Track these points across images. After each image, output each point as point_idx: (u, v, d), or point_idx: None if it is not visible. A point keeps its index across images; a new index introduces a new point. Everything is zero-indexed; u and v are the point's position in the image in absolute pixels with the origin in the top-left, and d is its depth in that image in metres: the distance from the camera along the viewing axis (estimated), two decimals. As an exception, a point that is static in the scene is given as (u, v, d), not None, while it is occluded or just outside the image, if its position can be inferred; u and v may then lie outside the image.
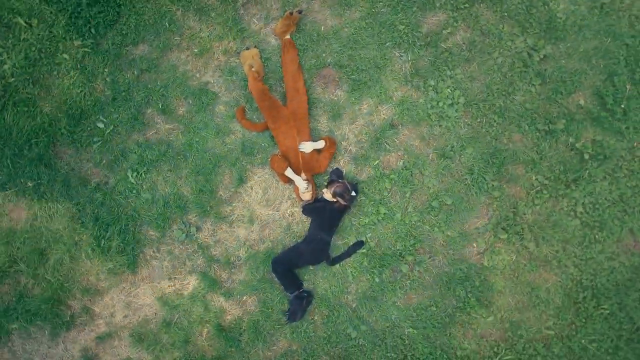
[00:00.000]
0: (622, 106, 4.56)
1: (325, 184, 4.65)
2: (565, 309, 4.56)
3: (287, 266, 4.64)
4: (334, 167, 4.75)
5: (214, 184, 4.83)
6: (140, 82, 4.88)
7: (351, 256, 4.72)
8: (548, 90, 4.67)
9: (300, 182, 4.57)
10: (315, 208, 4.63)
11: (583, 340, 4.50)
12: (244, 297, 4.78)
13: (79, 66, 4.84)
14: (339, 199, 4.51)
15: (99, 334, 4.81)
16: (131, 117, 4.85)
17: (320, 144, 4.66)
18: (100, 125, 4.84)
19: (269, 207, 4.84)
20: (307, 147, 4.63)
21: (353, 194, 4.55)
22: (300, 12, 4.67)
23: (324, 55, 4.82)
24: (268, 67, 4.84)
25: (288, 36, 4.76)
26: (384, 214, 4.70)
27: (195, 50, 4.89)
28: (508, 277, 4.63)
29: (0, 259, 4.73)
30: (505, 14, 4.71)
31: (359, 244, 4.71)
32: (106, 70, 4.85)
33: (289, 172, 4.59)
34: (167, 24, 4.88)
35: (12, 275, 4.79)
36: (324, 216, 4.59)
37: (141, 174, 4.83)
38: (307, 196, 4.63)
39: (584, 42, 4.65)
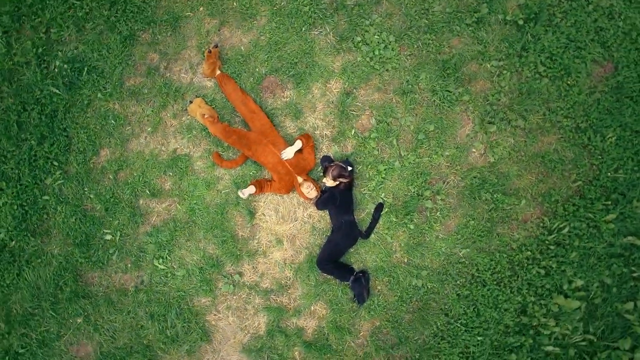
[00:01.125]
0: (525, -36, 4.80)
1: (322, 173, 4.85)
2: (579, 157, 4.77)
3: (331, 261, 4.82)
4: (322, 156, 4.96)
5: (231, 230, 5.04)
6: (119, 182, 5.10)
7: (379, 221, 4.92)
8: (457, -12, 4.90)
9: (246, 193, 4.79)
10: (325, 199, 4.81)
11: (609, 174, 4.71)
12: (312, 307, 4.98)
13: (61, 199, 5.07)
14: (340, 179, 4.70)
15: (210, 410, 5.04)
16: (129, 215, 5.07)
17: (298, 144, 4.85)
18: (108, 237, 5.06)
19: (287, 221, 5.04)
20: (288, 153, 4.81)
21: (349, 168, 4.75)
22: (216, 46, 4.89)
23: (257, 69, 5.04)
24: (217, 106, 5.05)
25: (218, 71, 4.97)
26: (385, 169, 4.91)
27: (149, 128, 5.11)
28: (517, 159, 4.84)
29: (92, 396, 4.95)
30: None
31: (380, 207, 4.92)
32: (86, 189, 5.08)
33: (247, 191, 4.79)
34: (112, 121, 5.10)
35: (109, 404, 5.01)
36: (337, 201, 4.77)
37: (165, 257, 5.04)
38: (312, 194, 4.83)
39: None
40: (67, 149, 5.11)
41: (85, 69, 5.09)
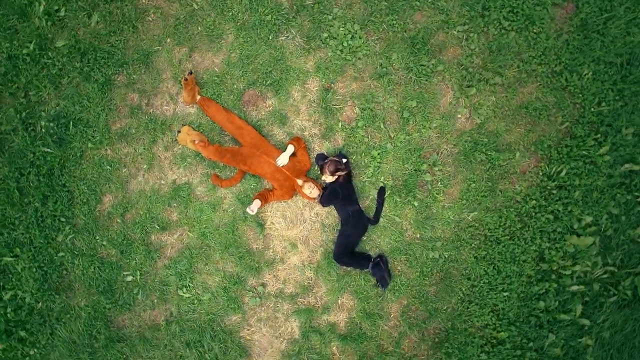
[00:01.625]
0: None
1: (319, 172, 4.95)
2: (561, 100, 4.87)
3: (347, 252, 4.92)
4: (316, 155, 5.07)
5: (245, 245, 5.14)
6: (127, 224, 5.21)
7: (384, 204, 5.02)
8: (408, -35, 5.01)
9: (254, 208, 4.84)
10: (328, 195, 4.91)
11: (593, 109, 4.81)
12: (339, 301, 5.08)
13: (76, 252, 5.19)
14: (338, 173, 4.81)
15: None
16: (145, 253, 5.18)
17: (291, 149, 4.94)
18: (129, 278, 5.17)
19: (296, 225, 5.15)
20: (282, 159, 4.90)
21: (344, 160, 4.86)
22: (190, 73, 4.99)
23: (235, 86, 5.14)
24: (205, 130, 5.16)
25: (198, 97, 5.07)
26: (378, 154, 5.01)
27: (145, 166, 5.22)
28: (502, 115, 4.94)
29: None
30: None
31: (382, 191, 5.02)
32: (97, 237, 5.19)
33: (254, 206, 4.86)
34: (108, 167, 5.21)
35: None
36: (340, 194, 4.87)
37: (189, 285, 5.15)
38: (315, 193, 4.92)
39: None
40: (71, 203, 5.22)
41: (71, 122, 5.19)
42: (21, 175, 5.19)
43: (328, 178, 4.85)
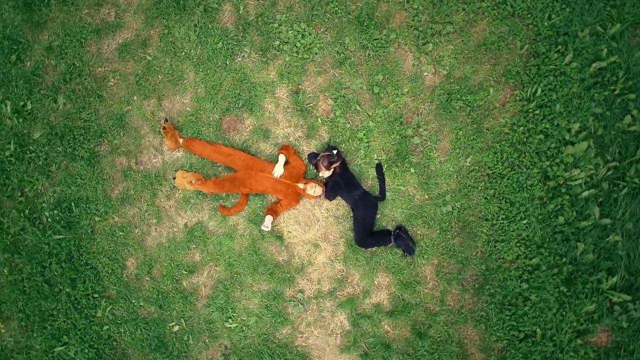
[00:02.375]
0: None
1: (315, 170, 5.10)
2: (513, 26, 5.00)
3: (366, 235, 5.07)
4: (307, 155, 5.22)
5: (270, 261, 5.29)
6: (156, 279, 5.36)
7: (385, 179, 5.17)
8: (330, -48, 5.17)
9: (268, 225, 5.05)
10: (332, 188, 5.05)
11: (545, 24, 4.93)
12: (375, 282, 5.23)
13: (118, 321, 5.35)
14: (333, 165, 4.94)
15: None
16: (182, 300, 5.33)
17: (282, 158, 5.10)
18: (176, 328, 5.33)
19: (312, 226, 5.30)
20: (278, 170, 5.06)
21: (335, 152, 5.00)
22: (166, 120, 5.14)
23: (210, 118, 5.30)
24: (197, 168, 5.32)
25: (181, 140, 5.23)
26: (364, 134, 5.16)
27: (154, 220, 5.37)
28: (465, 59, 5.09)
29: None
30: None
31: (379, 167, 5.17)
32: (133, 301, 5.36)
33: (267, 222, 5.06)
34: (120, 232, 5.37)
35: None
36: (342, 184, 5.02)
37: (232, 315, 5.30)
38: (318, 191, 5.07)
39: None
40: (98, 278, 5.39)
41: (72, 204, 5.36)
42: (44, 268, 5.35)
43: (325, 173, 4.99)
